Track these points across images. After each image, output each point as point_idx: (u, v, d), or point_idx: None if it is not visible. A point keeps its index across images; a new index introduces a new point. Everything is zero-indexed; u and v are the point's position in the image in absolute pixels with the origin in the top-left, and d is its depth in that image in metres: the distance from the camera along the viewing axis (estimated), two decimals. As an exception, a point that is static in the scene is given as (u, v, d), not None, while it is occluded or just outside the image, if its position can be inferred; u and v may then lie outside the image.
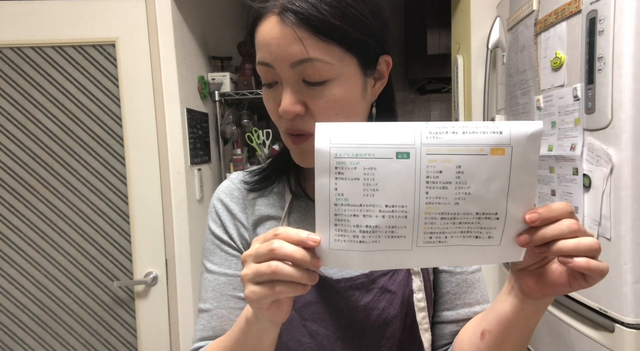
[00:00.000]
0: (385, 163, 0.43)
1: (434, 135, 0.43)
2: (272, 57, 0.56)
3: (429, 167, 0.43)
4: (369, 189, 0.44)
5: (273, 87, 0.60)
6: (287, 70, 0.56)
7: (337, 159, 0.43)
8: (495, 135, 0.43)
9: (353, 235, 0.45)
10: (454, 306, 0.68)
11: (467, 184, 0.44)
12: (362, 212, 0.45)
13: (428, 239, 0.46)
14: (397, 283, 0.64)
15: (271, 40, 0.55)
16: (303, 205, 0.70)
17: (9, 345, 1.71)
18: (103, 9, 1.64)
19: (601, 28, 0.96)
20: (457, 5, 1.90)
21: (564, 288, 0.47)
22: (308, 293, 0.63)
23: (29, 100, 1.66)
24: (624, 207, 0.94)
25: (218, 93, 2.06)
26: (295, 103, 0.57)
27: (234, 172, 0.76)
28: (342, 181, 0.44)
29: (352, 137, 0.44)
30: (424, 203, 0.44)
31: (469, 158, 0.43)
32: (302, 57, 0.55)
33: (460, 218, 0.45)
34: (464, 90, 1.85)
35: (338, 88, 0.57)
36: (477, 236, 0.46)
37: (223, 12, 2.41)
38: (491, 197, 0.44)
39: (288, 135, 0.61)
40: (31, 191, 1.68)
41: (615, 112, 0.95)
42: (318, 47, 0.55)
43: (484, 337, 0.58)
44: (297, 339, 0.64)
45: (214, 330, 0.68)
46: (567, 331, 1.13)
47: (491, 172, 0.44)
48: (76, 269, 1.71)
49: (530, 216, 0.44)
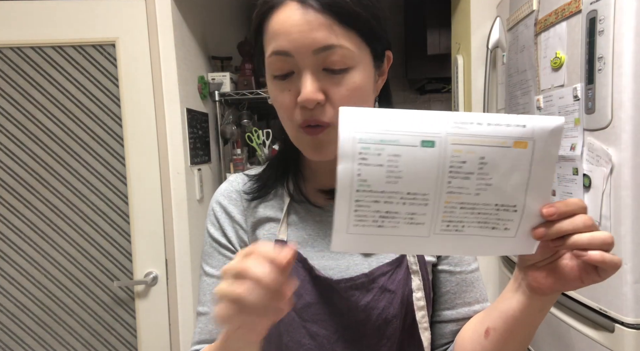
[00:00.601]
0: (409, 151, 0.43)
1: (459, 126, 0.43)
2: (293, 44, 0.55)
3: (453, 157, 0.43)
4: (392, 176, 0.43)
5: (287, 78, 0.58)
6: (309, 57, 0.55)
7: (362, 144, 0.43)
8: (519, 128, 0.43)
9: (372, 220, 0.45)
10: (454, 305, 0.69)
11: (488, 175, 0.44)
12: (384, 199, 0.44)
13: (445, 227, 0.46)
14: (397, 283, 0.64)
15: (291, 27, 0.55)
16: (302, 207, 0.70)
17: (9, 345, 1.71)
18: (103, 9, 1.64)
19: (601, 28, 0.96)
20: (457, 5, 1.90)
21: (575, 282, 0.47)
22: (308, 294, 0.63)
23: (29, 100, 1.66)
24: (624, 207, 0.94)
25: (218, 93, 2.06)
26: (317, 91, 0.56)
27: (233, 174, 0.76)
28: (366, 167, 0.43)
29: (378, 123, 0.43)
30: (446, 193, 0.44)
31: (493, 150, 0.43)
32: (327, 43, 0.54)
33: (479, 208, 0.46)
34: (464, 90, 1.85)
35: (358, 77, 0.57)
36: (494, 227, 0.47)
37: (223, 12, 2.41)
38: (511, 189, 0.45)
39: (302, 128, 0.59)
40: (31, 191, 1.68)
41: (615, 112, 0.95)
42: (341, 33, 0.55)
43: (489, 335, 0.58)
44: (297, 340, 0.64)
45: (211, 333, 0.68)
46: (567, 331, 1.13)
47: (512, 164, 0.44)
48: (76, 269, 1.71)
49: (547, 210, 0.45)
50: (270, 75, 0.60)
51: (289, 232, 0.68)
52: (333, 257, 0.66)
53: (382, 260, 0.66)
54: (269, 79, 0.61)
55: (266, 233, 0.69)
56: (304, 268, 0.65)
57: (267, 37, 0.58)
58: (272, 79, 0.60)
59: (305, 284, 0.64)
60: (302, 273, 0.64)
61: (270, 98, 0.64)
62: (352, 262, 0.66)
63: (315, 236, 0.68)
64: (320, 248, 0.67)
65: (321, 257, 0.66)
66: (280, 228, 0.68)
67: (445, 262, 0.70)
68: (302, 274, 0.64)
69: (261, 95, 2.08)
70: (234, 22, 2.54)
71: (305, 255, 0.65)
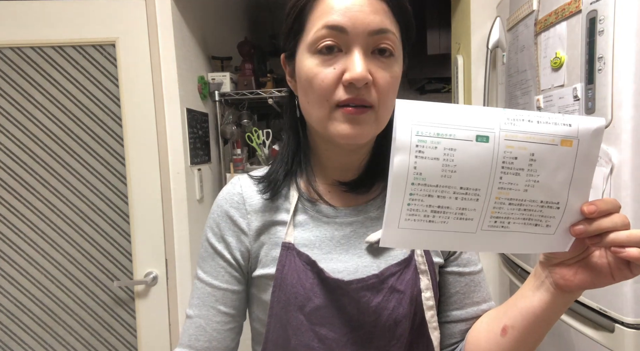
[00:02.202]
0: (465, 145, 0.43)
1: (511, 122, 0.44)
2: (351, 21, 0.56)
3: (505, 153, 0.44)
4: (447, 170, 0.44)
5: (333, 54, 0.58)
6: (364, 37, 0.57)
7: (419, 137, 0.43)
8: (565, 127, 0.44)
9: (424, 214, 0.45)
10: (463, 305, 0.69)
11: (537, 172, 0.45)
12: (437, 193, 0.44)
13: (493, 223, 0.47)
14: (406, 283, 0.64)
15: (352, 5, 0.56)
16: (310, 206, 0.68)
17: (9, 345, 1.71)
18: (103, 9, 1.64)
19: (601, 28, 0.96)
20: (457, 5, 1.90)
21: (607, 279, 0.48)
22: (317, 297, 0.62)
23: (29, 100, 1.66)
24: (624, 207, 0.94)
25: (218, 93, 2.06)
26: (367, 71, 0.56)
27: (235, 176, 0.74)
28: (422, 160, 0.43)
29: (434, 116, 0.43)
30: (497, 188, 0.45)
31: (542, 147, 0.44)
32: (383, 26, 0.57)
33: (526, 205, 0.46)
34: (464, 90, 1.85)
35: (397, 67, 0.61)
36: (537, 224, 0.47)
37: (223, 12, 2.41)
38: (556, 186, 0.46)
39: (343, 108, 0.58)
40: (31, 191, 1.68)
41: (615, 112, 0.95)
42: (393, 22, 0.59)
43: (506, 333, 0.59)
44: (306, 344, 0.63)
45: (190, 338, 0.67)
46: (567, 331, 1.13)
47: (558, 162, 0.45)
48: (76, 269, 1.71)
49: (588, 208, 0.46)
50: (312, 50, 0.59)
51: (295, 233, 0.67)
52: (341, 259, 0.65)
53: (390, 260, 0.66)
54: (307, 55, 0.59)
55: (272, 235, 0.68)
56: (312, 271, 0.64)
57: (317, 13, 0.58)
58: (314, 53, 0.59)
59: (314, 287, 0.63)
60: (311, 276, 0.63)
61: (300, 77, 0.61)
62: (360, 263, 0.65)
63: (322, 238, 0.67)
64: (327, 250, 0.66)
65: (329, 259, 0.65)
66: (287, 229, 0.66)
67: (454, 263, 0.70)
68: (311, 277, 0.63)
69: (261, 95, 2.08)
70: (234, 22, 2.54)
71: (314, 258, 0.64)
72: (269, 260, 0.66)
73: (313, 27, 0.58)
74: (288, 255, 0.65)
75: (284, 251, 0.65)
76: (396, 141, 0.43)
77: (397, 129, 0.43)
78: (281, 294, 0.64)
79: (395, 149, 0.43)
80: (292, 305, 0.63)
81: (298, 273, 0.63)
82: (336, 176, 0.69)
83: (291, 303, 0.63)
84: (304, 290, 0.63)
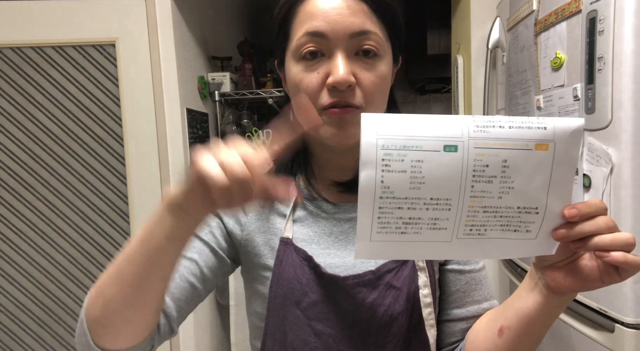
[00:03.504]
0: (432, 156, 0.43)
1: (481, 129, 0.43)
2: (330, 26, 0.57)
3: (476, 161, 0.43)
4: (415, 182, 0.43)
5: (317, 59, 0.59)
6: (345, 40, 0.57)
7: (385, 151, 0.42)
8: (540, 130, 0.43)
9: (395, 226, 0.45)
10: (463, 304, 0.69)
11: (511, 178, 0.44)
12: (407, 205, 0.44)
13: (468, 231, 0.46)
14: (403, 279, 0.64)
15: (331, 9, 0.57)
16: (309, 203, 0.69)
17: (9, 345, 1.71)
18: (103, 9, 1.64)
19: (601, 28, 0.96)
20: (457, 5, 1.90)
21: (596, 283, 0.47)
22: (313, 292, 0.63)
23: (29, 100, 1.66)
24: (624, 207, 0.94)
25: (218, 93, 2.06)
26: (350, 73, 0.57)
27: None
28: (389, 174, 0.43)
29: (400, 129, 0.43)
30: (469, 197, 0.44)
31: (515, 152, 0.43)
32: (364, 28, 0.57)
33: (502, 211, 0.45)
34: (464, 90, 1.85)
35: (384, 67, 0.60)
36: (516, 230, 0.47)
37: (223, 12, 2.41)
38: (533, 191, 0.45)
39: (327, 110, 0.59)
40: (31, 191, 1.68)
41: (615, 112, 0.95)
42: (375, 22, 0.58)
43: (503, 334, 0.58)
44: (302, 339, 0.64)
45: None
46: (567, 331, 1.13)
47: (534, 167, 0.44)
48: (76, 269, 1.71)
49: (569, 211, 0.45)
50: (296, 57, 0.60)
51: (294, 228, 0.68)
52: (339, 254, 0.66)
53: None
54: (293, 62, 0.61)
55: (271, 225, 0.69)
56: (309, 267, 0.65)
57: (298, 20, 0.59)
58: (298, 60, 0.60)
59: (311, 282, 0.64)
60: (308, 272, 0.64)
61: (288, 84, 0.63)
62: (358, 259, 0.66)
63: (321, 233, 0.68)
64: (325, 245, 0.67)
65: (327, 255, 0.66)
66: (285, 225, 0.67)
67: (454, 261, 0.70)
68: (308, 272, 0.64)
69: (261, 95, 2.08)
70: (234, 22, 2.54)
71: (311, 253, 0.65)
72: (266, 250, 0.67)
73: (296, 34, 0.60)
74: (286, 251, 0.66)
75: (282, 246, 0.66)
76: (362, 156, 0.42)
77: (362, 144, 0.42)
78: (278, 289, 0.64)
79: (361, 164, 0.42)
80: (289, 300, 0.64)
81: (295, 268, 0.64)
82: (333, 176, 0.69)
83: (288, 299, 0.64)
84: (300, 285, 0.63)
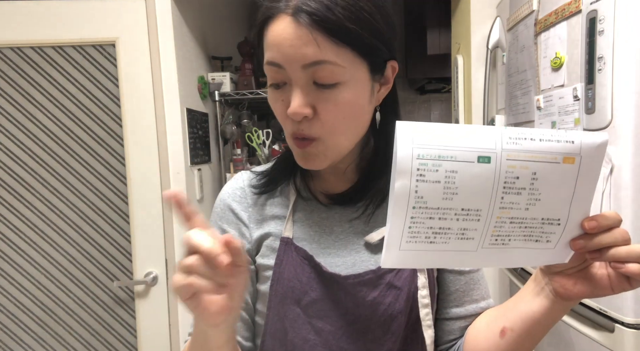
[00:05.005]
0: (466, 167, 0.43)
1: (513, 141, 0.43)
2: (284, 57, 0.55)
3: (507, 173, 0.43)
4: (448, 192, 0.43)
5: (281, 87, 0.59)
6: (299, 71, 0.56)
7: (420, 160, 0.42)
8: (568, 144, 0.44)
9: (425, 236, 0.45)
10: (462, 303, 0.70)
11: (538, 191, 0.45)
12: (439, 215, 0.44)
13: (494, 241, 0.47)
14: (403, 279, 0.65)
15: (283, 40, 0.55)
16: (308, 204, 0.71)
17: (9, 345, 1.71)
18: (103, 9, 1.64)
19: (601, 28, 0.96)
20: (457, 5, 1.90)
21: (606, 291, 0.49)
22: (313, 290, 0.64)
23: (29, 100, 1.66)
24: (624, 207, 0.94)
25: (218, 93, 2.06)
26: (304, 106, 0.56)
27: (240, 172, 0.77)
28: (423, 183, 0.43)
29: (435, 138, 0.42)
30: (498, 208, 0.45)
31: (544, 165, 0.44)
32: (316, 58, 0.54)
33: (527, 223, 0.46)
34: (464, 90, 1.85)
35: (348, 92, 0.57)
36: (537, 240, 0.47)
37: (223, 12, 2.41)
38: (557, 203, 0.46)
39: (293, 139, 0.61)
40: (31, 191, 1.68)
41: (615, 112, 0.95)
42: (331, 49, 0.54)
43: (505, 335, 0.59)
44: (302, 336, 0.65)
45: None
46: (567, 331, 1.13)
47: (560, 179, 0.45)
48: (76, 269, 1.71)
49: (589, 224, 0.46)
50: (268, 82, 0.61)
51: (294, 228, 0.69)
52: (339, 253, 0.67)
53: None
54: (268, 86, 0.62)
55: (272, 228, 0.70)
56: (309, 266, 0.65)
57: (264, 46, 0.59)
58: (270, 85, 0.61)
59: (311, 281, 0.65)
60: (308, 270, 0.65)
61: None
62: (358, 258, 0.67)
63: (321, 232, 0.68)
64: (326, 244, 0.68)
65: (327, 254, 0.67)
66: (286, 225, 0.68)
67: None
68: (308, 271, 0.65)
69: (261, 95, 2.08)
70: (234, 22, 2.54)
71: (312, 252, 0.66)
72: (268, 251, 0.69)
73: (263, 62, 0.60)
74: (286, 250, 0.67)
75: (282, 245, 0.67)
76: (397, 165, 0.42)
77: (397, 152, 0.42)
78: (279, 287, 0.65)
79: (396, 173, 0.42)
80: (289, 299, 0.65)
81: (295, 267, 0.65)
82: (328, 183, 0.71)
83: (288, 297, 0.65)
84: (300, 283, 0.65)
